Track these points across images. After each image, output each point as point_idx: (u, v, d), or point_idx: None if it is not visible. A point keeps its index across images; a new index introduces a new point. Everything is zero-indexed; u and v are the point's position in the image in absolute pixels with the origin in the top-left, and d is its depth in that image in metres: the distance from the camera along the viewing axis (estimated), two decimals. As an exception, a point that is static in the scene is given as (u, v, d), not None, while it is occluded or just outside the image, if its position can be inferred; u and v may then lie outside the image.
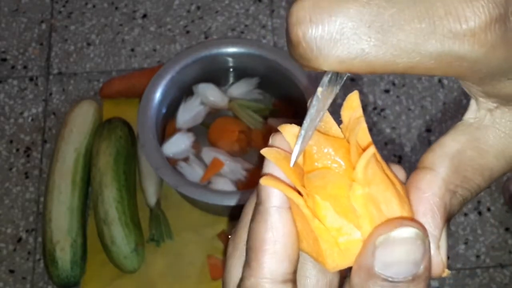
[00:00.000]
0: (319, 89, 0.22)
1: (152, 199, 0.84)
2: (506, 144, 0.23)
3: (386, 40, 0.19)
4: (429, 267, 0.22)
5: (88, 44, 1.01)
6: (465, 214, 0.88)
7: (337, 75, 0.22)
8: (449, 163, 0.23)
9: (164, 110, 0.83)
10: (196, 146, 0.84)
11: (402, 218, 0.22)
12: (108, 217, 0.80)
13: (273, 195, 0.23)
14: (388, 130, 0.93)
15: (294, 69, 0.82)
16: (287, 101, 0.87)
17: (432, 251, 0.22)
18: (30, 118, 0.95)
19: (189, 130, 0.85)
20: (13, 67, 0.99)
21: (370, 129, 0.96)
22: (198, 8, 1.03)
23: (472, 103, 0.23)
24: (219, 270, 0.81)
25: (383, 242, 0.21)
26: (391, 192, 0.22)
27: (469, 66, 0.20)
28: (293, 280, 0.24)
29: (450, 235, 0.87)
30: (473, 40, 0.19)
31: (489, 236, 0.87)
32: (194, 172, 0.81)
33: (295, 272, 0.24)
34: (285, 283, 0.23)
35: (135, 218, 0.83)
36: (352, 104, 0.23)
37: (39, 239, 0.86)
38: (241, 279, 0.24)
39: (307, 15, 0.19)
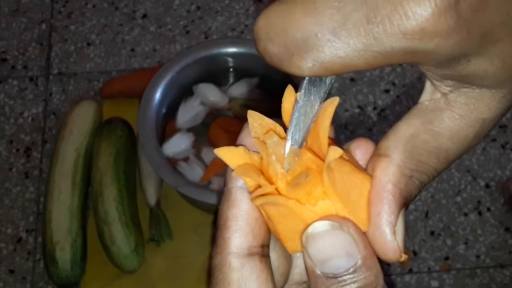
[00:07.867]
0: (297, 94, 0.23)
1: (152, 199, 0.84)
2: (461, 126, 0.22)
3: (336, 46, 0.19)
4: (369, 256, 0.22)
5: (88, 44, 1.01)
6: (465, 214, 0.88)
7: (314, 80, 0.23)
8: (402, 148, 0.23)
9: (164, 110, 0.83)
10: (196, 146, 0.84)
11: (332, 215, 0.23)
12: (108, 217, 0.80)
13: (236, 177, 0.24)
14: (388, 130, 0.93)
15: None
16: (287, 101, 0.87)
17: (388, 237, 0.22)
18: (30, 118, 0.95)
19: (189, 130, 0.85)
20: (13, 67, 0.99)
21: (370, 129, 0.96)
22: (198, 8, 1.03)
23: (428, 85, 0.23)
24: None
25: (308, 241, 0.22)
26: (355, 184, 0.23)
27: (422, 57, 0.19)
28: (262, 254, 0.24)
29: (450, 235, 0.87)
30: (422, 34, 0.18)
31: (489, 236, 0.87)
32: (194, 172, 0.81)
33: (264, 246, 0.24)
34: (251, 256, 0.24)
35: (135, 218, 0.83)
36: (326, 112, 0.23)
37: (39, 239, 0.85)
38: (210, 259, 0.25)
39: (264, 31, 0.21)
